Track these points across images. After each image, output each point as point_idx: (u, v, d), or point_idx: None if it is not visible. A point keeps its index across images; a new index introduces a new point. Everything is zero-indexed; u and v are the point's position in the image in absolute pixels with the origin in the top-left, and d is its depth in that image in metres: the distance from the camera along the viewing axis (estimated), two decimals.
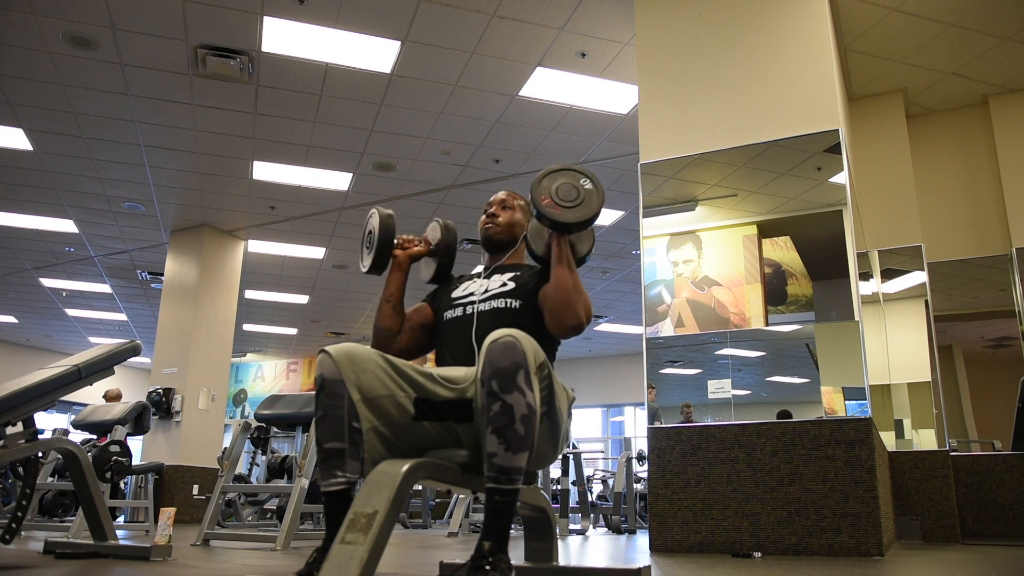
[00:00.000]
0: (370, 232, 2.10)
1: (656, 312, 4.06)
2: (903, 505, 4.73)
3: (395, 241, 2.07)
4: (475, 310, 1.93)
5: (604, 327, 12.91)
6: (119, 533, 5.13)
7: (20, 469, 2.60)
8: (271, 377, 16.16)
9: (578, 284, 1.81)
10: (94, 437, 5.47)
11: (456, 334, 1.94)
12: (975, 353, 5.90)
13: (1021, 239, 5.27)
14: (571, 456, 6.85)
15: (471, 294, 1.99)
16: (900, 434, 5.00)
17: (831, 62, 4.04)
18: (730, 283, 3.95)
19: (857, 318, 3.62)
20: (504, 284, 1.97)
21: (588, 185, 1.84)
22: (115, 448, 4.57)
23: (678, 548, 3.57)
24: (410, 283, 2.12)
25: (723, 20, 4.34)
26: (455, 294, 2.04)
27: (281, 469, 5.12)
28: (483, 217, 2.13)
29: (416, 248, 2.11)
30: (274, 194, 7.91)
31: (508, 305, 1.91)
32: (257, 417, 4.79)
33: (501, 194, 2.18)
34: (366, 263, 2.09)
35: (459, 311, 1.97)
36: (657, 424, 3.85)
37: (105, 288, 11.21)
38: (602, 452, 12.35)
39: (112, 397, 6.93)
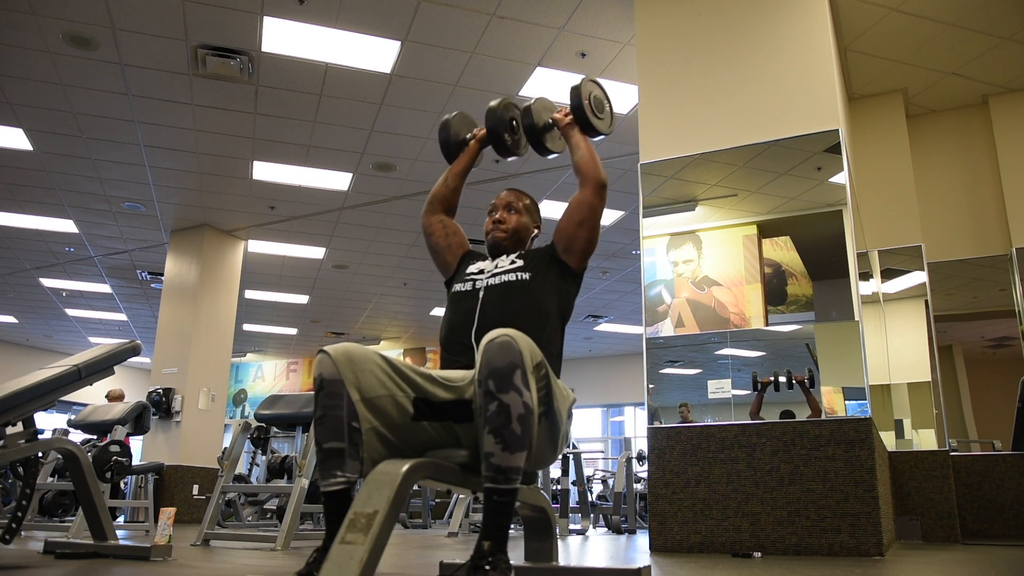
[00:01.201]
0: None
1: (656, 312, 4.06)
2: (903, 505, 4.73)
3: (465, 136, 2.35)
4: (484, 284, 1.97)
5: (604, 327, 12.91)
6: (119, 533, 5.13)
7: (20, 469, 2.60)
8: (271, 377, 16.15)
9: (594, 151, 2.09)
10: (94, 437, 5.46)
11: (461, 306, 1.97)
12: (975, 353, 5.90)
13: (1021, 239, 5.27)
14: (571, 456, 6.85)
15: (482, 271, 2.03)
16: (900, 434, 5.00)
17: (831, 62, 4.04)
18: (730, 283, 3.95)
19: (857, 318, 3.62)
20: (513, 262, 2.01)
21: (608, 108, 2.23)
22: (115, 448, 4.56)
23: (678, 548, 3.57)
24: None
25: (723, 20, 4.34)
26: (469, 269, 2.07)
27: (281, 469, 5.12)
28: (488, 221, 2.12)
29: (481, 132, 2.33)
30: (274, 194, 7.91)
31: (519, 278, 1.94)
32: (257, 417, 4.79)
33: (505, 194, 2.16)
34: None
35: (468, 285, 2.00)
36: (657, 424, 3.85)
37: (105, 288, 11.21)
38: (602, 452, 12.35)
39: (114, 397, 6.93)
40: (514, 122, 2.28)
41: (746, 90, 4.14)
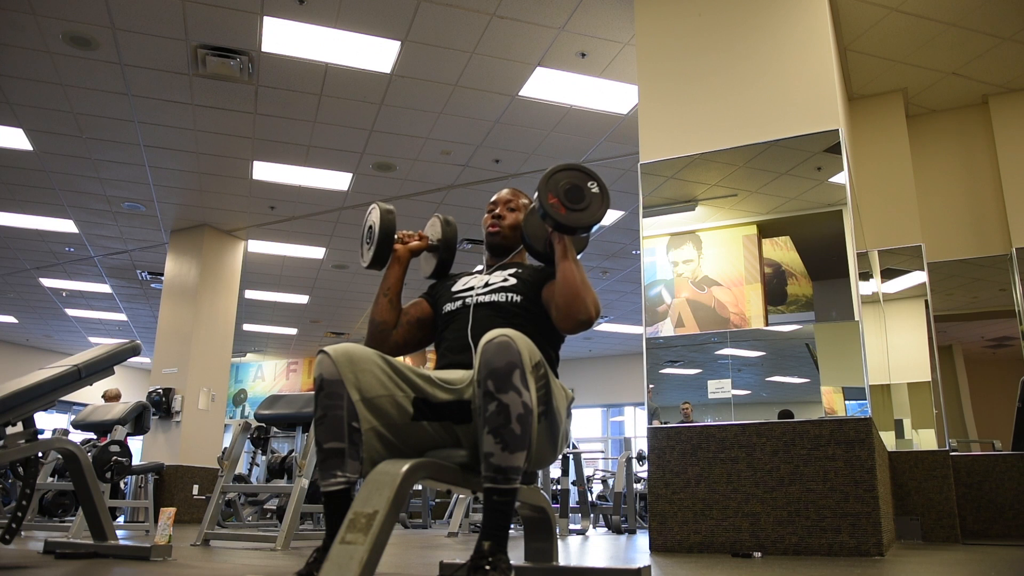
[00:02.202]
0: (370, 227, 2.08)
1: (656, 312, 4.06)
2: (903, 505, 4.73)
3: (395, 236, 2.05)
4: (473, 303, 1.93)
5: (604, 327, 12.91)
6: (119, 533, 5.14)
7: (20, 469, 2.59)
8: (271, 377, 16.15)
9: (585, 279, 1.78)
10: (94, 437, 5.47)
11: (453, 326, 1.94)
12: (975, 353, 5.90)
13: (1021, 239, 5.27)
14: (571, 456, 6.85)
15: (471, 288, 1.98)
16: (900, 434, 5.00)
17: (831, 62, 4.04)
18: (730, 283, 3.95)
19: (857, 318, 3.62)
20: (505, 279, 1.96)
21: (595, 189, 1.81)
22: (115, 448, 4.56)
23: (678, 548, 3.57)
24: (410, 279, 2.12)
25: (723, 20, 4.34)
26: (455, 288, 2.03)
27: (281, 469, 5.12)
28: (487, 217, 2.11)
29: (416, 243, 2.10)
30: (274, 194, 7.91)
31: (509, 299, 1.90)
32: (257, 417, 4.79)
33: (505, 193, 2.15)
34: (367, 258, 2.08)
35: (458, 304, 1.97)
36: (657, 424, 3.85)
37: (105, 288, 11.21)
38: (602, 452, 12.35)
39: (111, 397, 6.92)
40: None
41: (746, 90, 4.14)
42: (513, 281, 1.95)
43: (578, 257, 1.92)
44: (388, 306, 2.04)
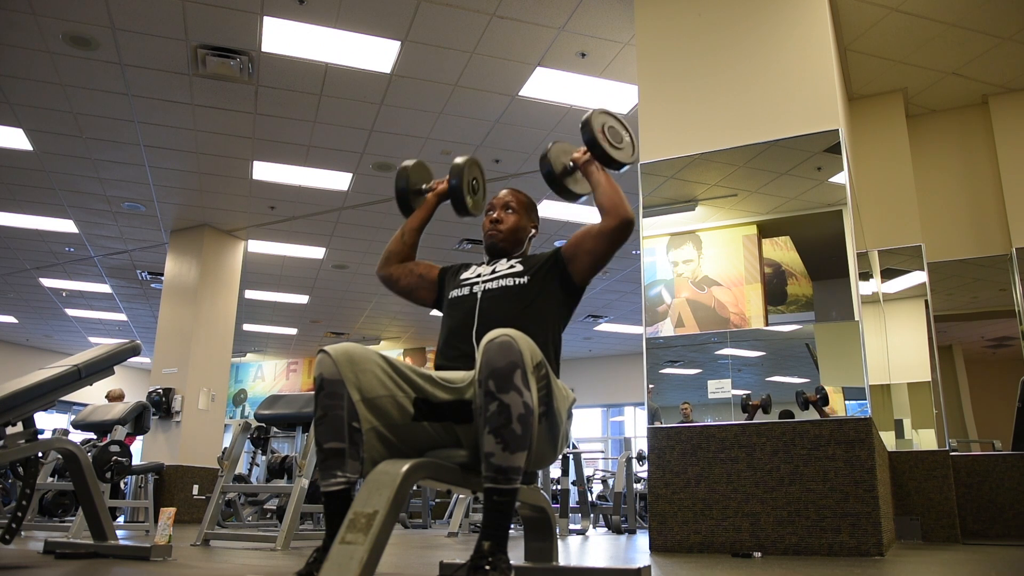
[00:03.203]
0: None
1: (656, 312, 4.06)
2: (903, 505, 4.73)
3: (425, 187, 2.27)
4: (481, 289, 1.96)
5: (604, 327, 12.91)
6: (119, 533, 5.13)
7: (20, 469, 2.59)
8: (271, 377, 16.15)
9: (620, 190, 1.99)
10: (94, 437, 5.47)
11: (459, 311, 1.96)
12: (975, 353, 5.90)
13: (1021, 239, 5.27)
14: (571, 456, 6.85)
15: (479, 275, 2.02)
16: (900, 434, 5.00)
17: (831, 62, 4.04)
18: (730, 283, 3.95)
19: (857, 318, 3.62)
20: (512, 266, 2.01)
21: (627, 138, 2.12)
22: (115, 448, 4.56)
23: (678, 548, 3.57)
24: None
25: (723, 20, 4.34)
26: (464, 275, 2.06)
27: (281, 469, 5.12)
28: (486, 221, 2.12)
29: (441, 186, 2.25)
30: (274, 194, 7.91)
31: (516, 282, 1.94)
32: (257, 417, 4.79)
33: (503, 194, 2.15)
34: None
35: (465, 290, 1.99)
36: (657, 424, 3.85)
37: (105, 288, 11.21)
38: (602, 452, 12.34)
39: (114, 397, 6.92)
40: (475, 182, 2.22)
41: (746, 90, 4.14)
42: (520, 267, 1.99)
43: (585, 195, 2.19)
44: (399, 238, 2.20)
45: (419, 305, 2.20)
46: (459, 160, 2.21)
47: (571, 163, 2.13)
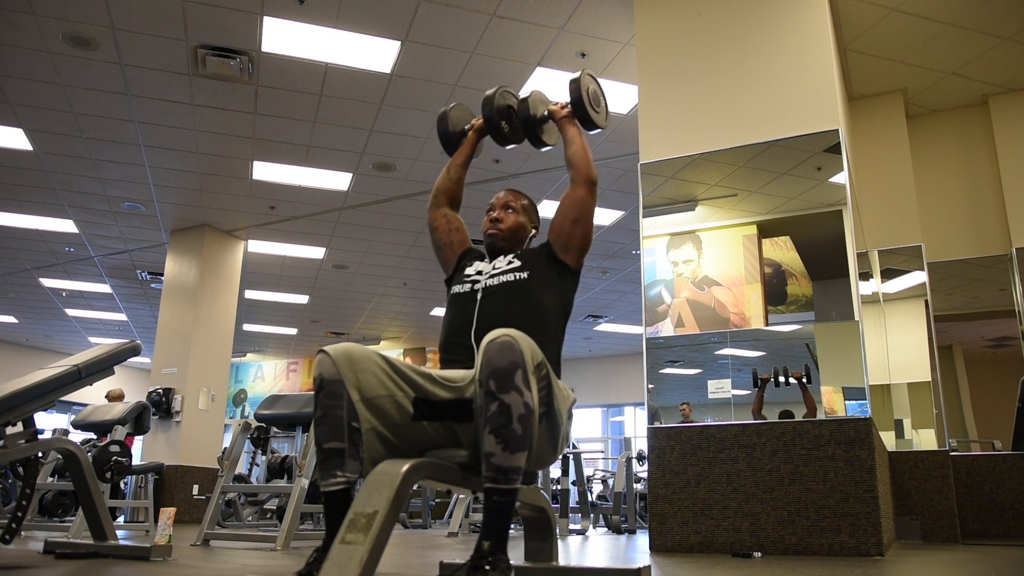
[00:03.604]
0: None
1: (656, 312, 4.06)
2: (903, 505, 4.73)
3: (463, 128, 2.36)
4: (483, 286, 1.97)
5: (604, 327, 12.91)
6: (119, 533, 5.14)
7: (20, 469, 2.59)
8: (271, 377, 16.15)
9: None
10: (94, 437, 5.47)
11: (461, 307, 1.97)
12: (975, 353, 5.90)
13: (1021, 239, 5.27)
14: (571, 456, 6.85)
15: (480, 272, 2.03)
16: (900, 434, 5.00)
17: (831, 62, 4.04)
18: (730, 283, 3.95)
19: (857, 318, 3.62)
20: (511, 262, 2.01)
21: (604, 104, 2.30)
22: (115, 448, 4.56)
23: (678, 548, 3.57)
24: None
25: (723, 20, 4.34)
26: (467, 271, 2.07)
27: (281, 469, 5.12)
28: (486, 220, 2.13)
29: (478, 122, 2.32)
30: (274, 194, 7.91)
31: (516, 277, 1.95)
32: (257, 417, 4.79)
33: (503, 194, 2.17)
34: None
35: (466, 287, 2.00)
36: (657, 424, 3.85)
37: (105, 288, 11.21)
38: (602, 452, 12.35)
39: (114, 397, 6.92)
40: (511, 109, 2.29)
41: (746, 90, 4.14)
42: (518, 263, 2.00)
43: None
44: (445, 175, 2.31)
45: (439, 263, 2.24)
46: (489, 92, 2.28)
47: (547, 113, 2.23)
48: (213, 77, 5.66)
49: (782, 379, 3.64)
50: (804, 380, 3.58)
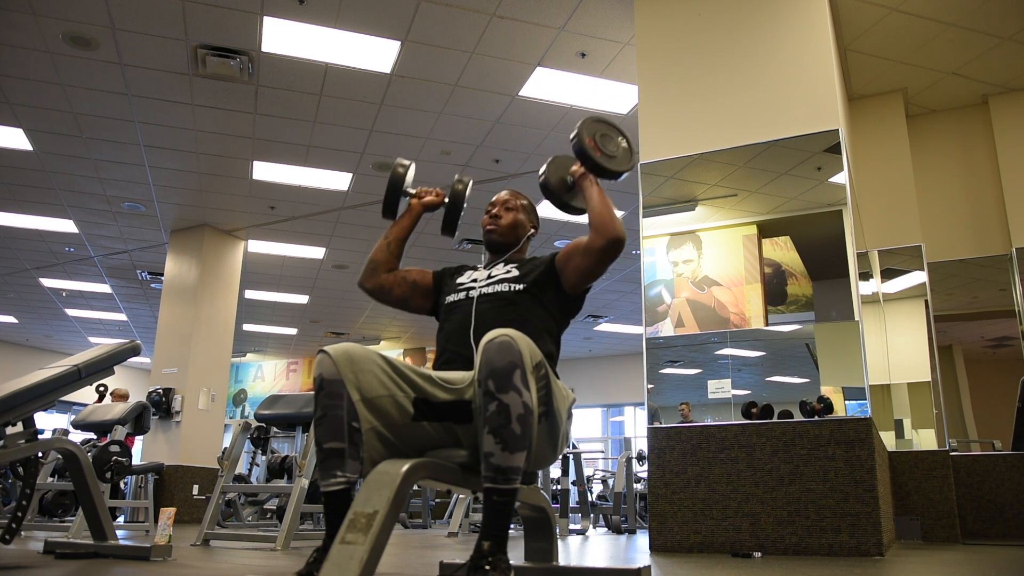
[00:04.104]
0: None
1: (656, 312, 4.06)
2: (903, 505, 4.73)
3: (412, 191, 2.18)
4: (477, 293, 1.95)
5: (604, 327, 12.91)
6: (119, 533, 5.13)
7: (20, 469, 2.59)
8: (271, 377, 16.15)
9: (612, 207, 1.92)
10: (94, 437, 5.47)
11: (455, 316, 1.96)
12: (975, 353, 5.90)
13: (1021, 239, 5.27)
14: (571, 456, 6.85)
15: (475, 280, 2.02)
16: (900, 434, 5.00)
17: (831, 62, 4.04)
18: (730, 283, 3.95)
19: (857, 318, 3.62)
20: (508, 271, 2.00)
21: (624, 144, 2.04)
22: (115, 448, 4.56)
23: (678, 548, 3.57)
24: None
25: (723, 20, 4.34)
26: (460, 280, 2.06)
27: (281, 469, 5.12)
28: (485, 217, 2.13)
29: (430, 198, 2.17)
30: (274, 194, 7.91)
31: (511, 288, 1.93)
32: (257, 417, 4.79)
33: (503, 194, 2.18)
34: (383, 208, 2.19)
35: (461, 295, 1.99)
36: (657, 424, 3.85)
37: (105, 288, 11.21)
38: (602, 452, 12.35)
39: (119, 396, 6.91)
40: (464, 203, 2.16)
41: (746, 90, 4.14)
42: (516, 272, 1.98)
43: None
44: (384, 247, 2.11)
45: (415, 313, 2.15)
46: (466, 180, 2.16)
47: (570, 178, 2.06)
48: (213, 77, 5.66)
49: (806, 406, 3.60)
50: (823, 413, 3.53)
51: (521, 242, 2.13)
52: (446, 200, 2.17)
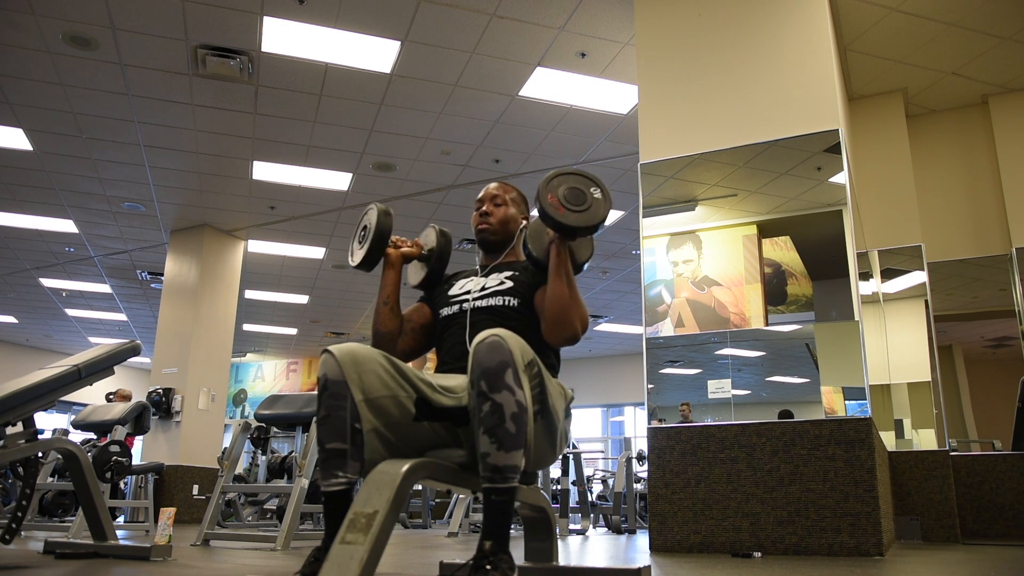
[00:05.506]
0: (365, 227, 2.06)
1: (656, 312, 4.06)
2: (903, 505, 4.73)
3: (390, 240, 2.02)
4: (471, 307, 1.92)
5: (604, 327, 12.91)
6: (119, 533, 5.13)
7: (20, 469, 2.59)
8: (271, 377, 16.15)
9: (575, 295, 1.78)
10: (94, 437, 5.47)
11: (451, 332, 1.94)
12: (975, 353, 5.90)
13: (1021, 239, 5.27)
14: (571, 456, 6.85)
15: (468, 292, 1.97)
16: (900, 434, 5.00)
17: (831, 62, 4.04)
18: (730, 283, 3.95)
19: (857, 318, 3.62)
20: (502, 282, 1.95)
21: (597, 194, 1.80)
22: (115, 448, 4.56)
23: (678, 548, 3.57)
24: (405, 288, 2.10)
25: (723, 20, 4.34)
26: (452, 292, 2.02)
27: (281, 469, 5.12)
28: (475, 215, 2.09)
29: (408, 249, 2.05)
30: (274, 194, 7.91)
31: (506, 303, 1.90)
32: (257, 417, 4.79)
33: (492, 187, 2.11)
34: (356, 258, 2.04)
35: (455, 308, 1.96)
36: (657, 424, 3.85)
37: (105, 288, 11.21)
38: (602, 452, 12.35)
39: (122, 396, 6.91)
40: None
41: (746, 90, 4.14)
42: (509, 284, 1.93)
43: (584, 264, 1.94)
44: (390, 314, 1.99)
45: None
46: (447, 233, 2.09)
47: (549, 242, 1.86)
48: (213, 77, 5.66)
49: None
50: None
51: (515, 237, 2.10)
52: (424, 251, 2.06)
